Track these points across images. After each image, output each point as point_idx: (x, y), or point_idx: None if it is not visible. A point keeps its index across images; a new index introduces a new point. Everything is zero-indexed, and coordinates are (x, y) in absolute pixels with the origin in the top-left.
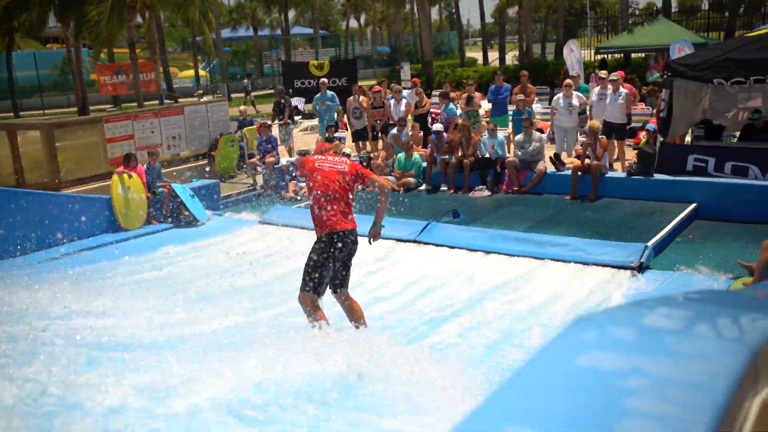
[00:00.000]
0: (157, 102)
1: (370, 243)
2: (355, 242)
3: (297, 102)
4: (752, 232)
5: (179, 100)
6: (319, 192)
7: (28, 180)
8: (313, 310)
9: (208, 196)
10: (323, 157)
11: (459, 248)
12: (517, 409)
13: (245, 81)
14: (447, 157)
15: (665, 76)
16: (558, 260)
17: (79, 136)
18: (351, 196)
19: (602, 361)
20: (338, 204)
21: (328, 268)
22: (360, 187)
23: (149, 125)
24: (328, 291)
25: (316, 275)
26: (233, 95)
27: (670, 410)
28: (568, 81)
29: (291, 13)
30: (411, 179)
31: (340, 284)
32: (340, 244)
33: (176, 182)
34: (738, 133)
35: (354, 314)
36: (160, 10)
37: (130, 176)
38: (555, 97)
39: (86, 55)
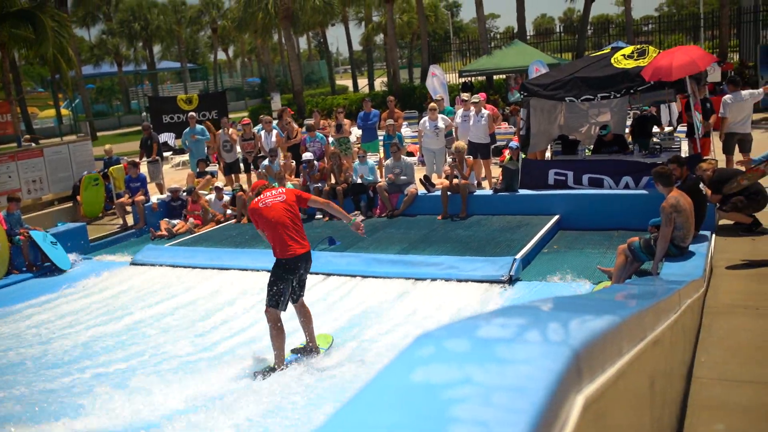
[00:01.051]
0: (15, 144)
1: (361, 234)
2: (310, 260)
3: (167, 137)
4: (610, 239)
5: (41, 141)
6: (274, 225)
7: None
8: (277, 331)
9: (76, 240)
10: (262, 197)
11: (336, 275)
12: (353, 425)
13: (143, 114)
14: (320, 184)
15: (522, 96)
16: (432, 279)
17: None
18: (299, 220)
19: (435, 375)
20: (292, 231)
21: (288, 286)
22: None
23: (6, 169)
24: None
25: (279, 293)
26: (99, 134)
27: (493, 415)
28: (432, 105)
29: (156, 48)
30: None
31: (297, 297)
32: (301, 265)
33: (36, 229)
34: (591, 147)
35: (306, 318)
36: (12, 49)
37: None
38: (421, 121)
39: None
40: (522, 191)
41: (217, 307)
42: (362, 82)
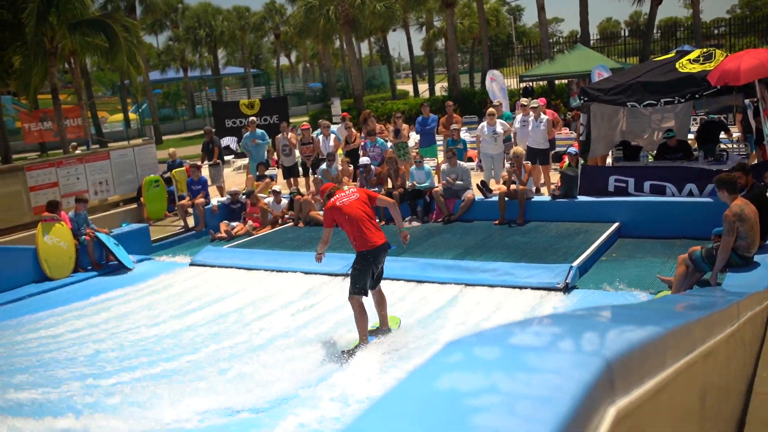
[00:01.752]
0: (84, 147)
1: (404, 244)
2: (387, 249)
3: (229, 141)
4: (671, 248)
5: (109, 144)
6: (353, 221)
7: None
8: (361, 313)
9: (139, 241)
10: (338, 196)
11: (391, 279)
12: None
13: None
14: (376, 189)
15: (582, 101)
16: (487, 285)
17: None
18: (374, 214)
19: (460, 382)
20: (370, 224)
21: (370, 275)
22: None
23: (74, 171)
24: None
25: (362, 281)
26: (165, 137)
27: (515, 424)
28: (491, 110)
29: (221, 53)
30: None
31: (375, 284)
32: (381, 255)
33: (102, 231)
34: (654, 153)
35: (382, 303)
36: (85, 56)
37: (58, 223)
38: (480, 126)
39: (10, 102)
40: (581, 198)
41: (274, 308)
42: (423, 87)
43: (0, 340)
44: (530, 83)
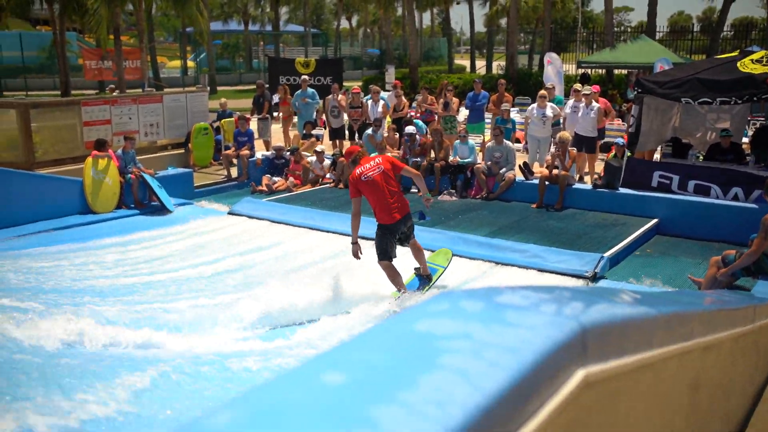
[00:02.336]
0: (140, 90)
1: (427, 210)
2: (410, 218)
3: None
4: (708, 250)
5: (165, 89)
6: (376, 195)
7: (2, 158)
8: (392, 273)
9: (182, 185)
10: (363, 169)
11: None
12: (341, 359)
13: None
14: (419, 159)
15: (636, 93)
16: (514, 265)
17: (56, 118)
18: (397, 186)
19: (438, 327)
20: (395, 195)
21: (393, 241)
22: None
23: (127, 111)
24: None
25: (387, 248)
26: (220, 88)
27: (478, 367)
28: (542, 92)
29: (283, 10)
30: None
31: (406, 241)
32: (401, 227)
33: (147, 171)
34: (704, 153)
35: (418, 252)
36: (151, 1)
37: (106, 159)
38: (529, 108)
39: (75, 39)
40: (623, 190)
41: (305, 264)
42: (480, 64)
43: (50, 263)
44: (588, 70)
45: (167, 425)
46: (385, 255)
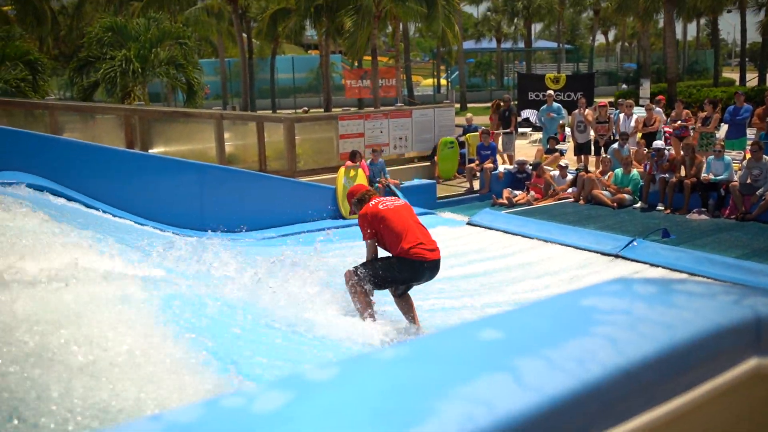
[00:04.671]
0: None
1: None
2: (437, 268)
3: (529, 114)
4: None
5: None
6: (408, 223)
7: (270, 167)
8: (365, 300)
9: (425, 195)
10: (377, 201)
11: (660, 266)
12: (503, 321)
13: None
14: (667, 175)
15: None
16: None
17: (316, 131)
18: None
19: (602, 303)
20: (424, 231)
21: (404, 284)
22: None
23: (379, 125)
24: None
25: (396, 281)
26: (470, 105)
27: (627, 336)
28: None
29: (537, 27)
30: (626, 195)
31: (407, 290)
32: (433, 274)
33: (393, 182)
34: None
35: (410, 308)
36: (405, 21)
37: (357, 169)
38: None
39: (339, 60)
40: None
41: (536, 275)
42: (751, 76)
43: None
44: None
45: None
46: (387, 285)
